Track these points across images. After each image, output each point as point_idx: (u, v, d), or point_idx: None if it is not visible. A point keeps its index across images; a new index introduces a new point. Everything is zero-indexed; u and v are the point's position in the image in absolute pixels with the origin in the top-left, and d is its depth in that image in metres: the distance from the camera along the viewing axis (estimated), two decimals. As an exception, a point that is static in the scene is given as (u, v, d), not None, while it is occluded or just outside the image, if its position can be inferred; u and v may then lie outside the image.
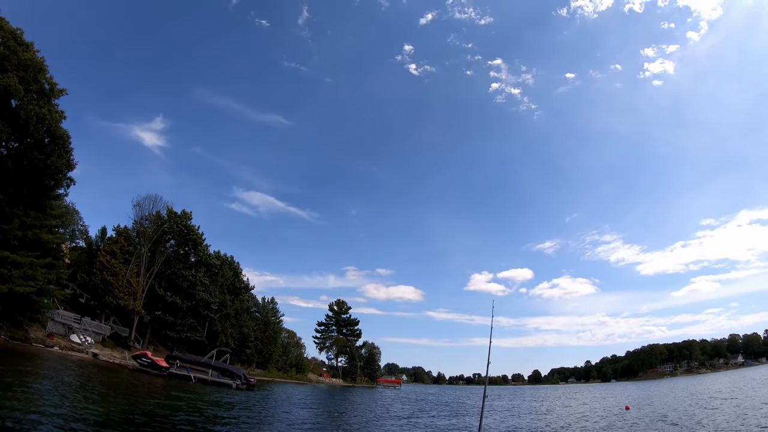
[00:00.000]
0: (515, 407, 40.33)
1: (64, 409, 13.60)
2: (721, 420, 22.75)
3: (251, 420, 20.77)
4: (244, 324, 76.09)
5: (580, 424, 25.20)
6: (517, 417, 31.06)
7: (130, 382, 30.58)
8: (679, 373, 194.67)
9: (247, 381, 42.95)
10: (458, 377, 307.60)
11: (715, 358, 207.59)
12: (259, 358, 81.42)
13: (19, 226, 35.11)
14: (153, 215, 60.44)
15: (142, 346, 54.96)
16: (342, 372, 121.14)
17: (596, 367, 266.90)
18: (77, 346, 42.39)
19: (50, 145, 36.11)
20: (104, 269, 50.31)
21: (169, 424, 15.19)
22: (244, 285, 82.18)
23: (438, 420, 28.60)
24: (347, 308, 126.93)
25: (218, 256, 72.83)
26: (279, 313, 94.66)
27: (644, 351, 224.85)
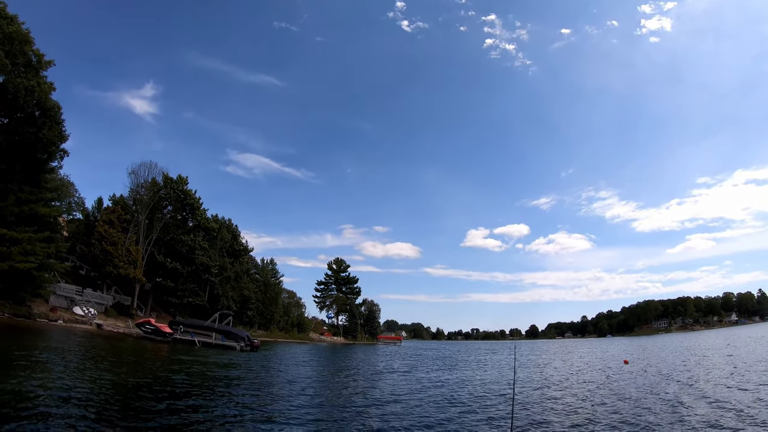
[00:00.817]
0: (520, 362, 41.42)
1: (74, 379, 13.95)
2: (717, 375, 23.49)
3: (257, 379, 21.26)
4: (244, 286, 76.86)
5: (581, 377, 25.99)
6: (525, 369, 32.34)
7: (136, 349, 31.06)
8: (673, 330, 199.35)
9: (251, 342, 43.74)
10: (457, 332, 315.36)
11: (709, 316, 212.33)
12: (260, 319, 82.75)
13: (14, 202, 34.87)
14: (149, 182, 59.99)
15: (144, 313, 55.73)
16: (343, 330, 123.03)
17: (592, 322, 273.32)
18: (81, 318, 42.91)
19: (41, 117, 35.47)
20: (103, 239, 50.37)
21: (178, 388, 15.62)
22: (243, 247, 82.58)
23: (442, 374, 29.58)
24: (346, 266, 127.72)
25: (216, 220, 72.87)
26: (279, 274, 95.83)
27: (640, 307, 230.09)
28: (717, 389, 18.01)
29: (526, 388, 21.11)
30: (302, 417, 12.36)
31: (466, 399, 17.54)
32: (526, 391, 20.25)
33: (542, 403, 15.97)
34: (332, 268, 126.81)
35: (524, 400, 16.95)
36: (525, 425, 12.09)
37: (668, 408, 14.40)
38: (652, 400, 16.19)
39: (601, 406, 15.14)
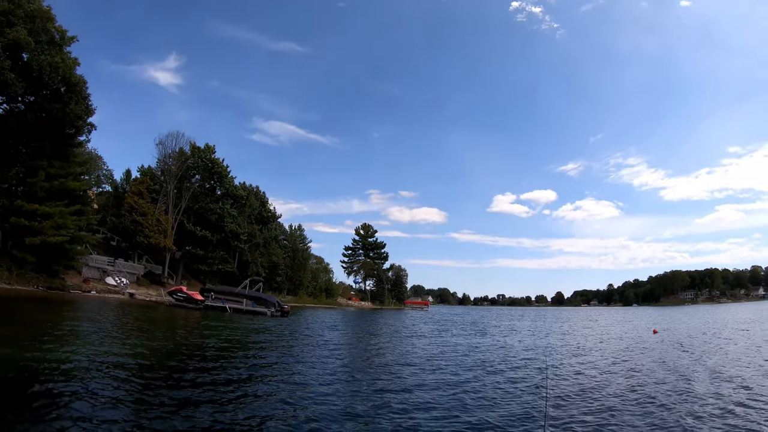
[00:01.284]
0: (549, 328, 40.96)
1: (112, 347, 14.21)
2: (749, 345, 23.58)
3: (289, 344, 21.38)
4: (273, 252, 77.23)
5: (616, 344, 25.76)
6: (564, 336, 32.77)
7: (169, 317, 31.32)
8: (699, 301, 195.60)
9: (281, 308, 43.68)
10: (483, 298, 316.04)
11: (736, 289, 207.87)
12: (289, 285, 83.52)
13: (45, 178, 35.06)
14: (176, 152, 59.76)
15: (175, 281, 56.56)
16: (370, 295, 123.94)
17: (618, 290, 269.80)
18: (113, 288, 43.63)
19: (67, 93, 35.19)
20: (133, 210, 50.68)
21: (212, 353, 15.95)
22: (271, 214, 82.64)
23: (472, 339, 29.54)
24: (373, 232, 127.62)
25: (244, 187, 72.71)
26: (307, 240, 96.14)
27: (666, 277, 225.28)
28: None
29: (558, 355, 20.83)
30: (333, 380, 12.42)
31: (496, 364, 17.23)
32: (558, 357, 19.94)
33: (577, 373, 15.50)
34: (360, 233, 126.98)
35: (556, 366, 16.74)
36: (560, 394, 11.64)
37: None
38: (685, 367, 16.08)
39: (637, 373, 14.96)
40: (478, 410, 9.51)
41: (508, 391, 11.90)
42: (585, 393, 11.71)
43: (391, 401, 10.09)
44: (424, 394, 11.05)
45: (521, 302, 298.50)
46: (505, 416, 9.10)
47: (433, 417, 8.94)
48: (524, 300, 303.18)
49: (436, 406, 9.83)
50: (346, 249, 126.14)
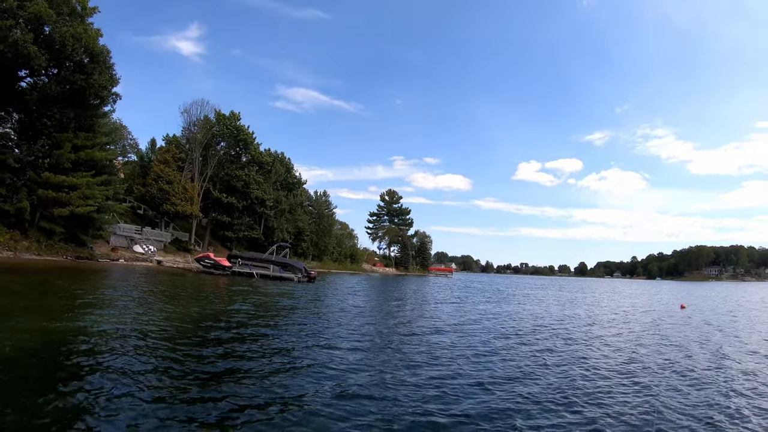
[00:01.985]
0: (581, 299, 40.23)
1: (142, 314, 14.41)
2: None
3: (318, 308, 21.50)
4: (298, 218, 77.22)
5: (646, 318, 25.46)
6: (592, 307, 32.84)
7: (197, 283, 31.34)
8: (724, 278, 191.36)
9: (308, 274, 43.31)
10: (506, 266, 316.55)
11: (761, 267, 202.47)
12: (314, 250, 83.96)
13: (71, 149, 35.05)
14: (201, 120, 59.39)
15: (202, 248, 56.94)
16: (395, 261, 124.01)
17: (642, 263, 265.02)
18: (141, 256, 44.18)
19: (90, 63, 34.72)
20: (159, 178, 50.79)
21: (243, 317, 16.15)
22: (296, 180, 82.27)
23: (496, 306, 29.79)
24: (398, 198, 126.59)
25: (269, 154, 72.07)
26: (332, 206, 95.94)
27: (692, 252, 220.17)
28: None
29: (588, 326, 20.57)
30: (365, 347, 12.41)
31: (518, 331, 17.19)
32: (587, 329, 19.65)
33: (608, 345, 15.36)
34: (384, 199, 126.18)
35: (590, 338, 16.45)
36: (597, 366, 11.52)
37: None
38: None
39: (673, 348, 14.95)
40: (512, 382, 9.26)
41: (543, 362, 11.58)
42: (626, 367, 11.48)
43: (422, 369, 10.00)
44: (454, 364, 10.83)
45: (544, 271, 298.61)
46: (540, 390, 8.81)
47: (463, 385, 8.83)
48: (547, 269, 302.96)
49: (465, 375, 9.65)
50: (370, 215, 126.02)
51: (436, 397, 7.78)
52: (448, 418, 6.71)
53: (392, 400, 7.49)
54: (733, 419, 7.33)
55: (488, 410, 7.19)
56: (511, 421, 6.74)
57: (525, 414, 7.13)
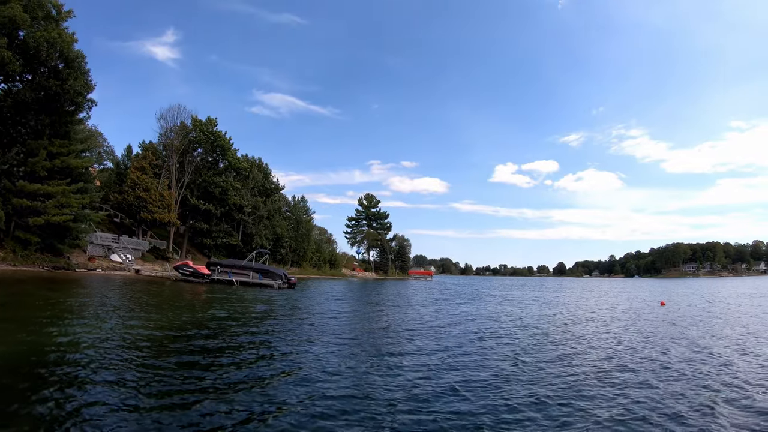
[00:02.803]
0: (560, 299, 41.23)
1: (120, 325, 14.35)
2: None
3: (299, 315, 21.53)
4: (277, 224, 77.19)
5: (627, 316, 25.80)
6: (570, 306, 33.05)
7: (176, 291, 31.20)
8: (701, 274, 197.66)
9: (288, 280, 43.45)
10: (485, 268, 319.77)
11: (737, 263, 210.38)
12: (293, 256, 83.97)
13: (46, 157, 34.72)
14: (178, 126, 59.18)
15: (180, 256, 56.64)
16: (374, 265, 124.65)
17: (620, 262, 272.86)
18: (119, 265, 43.75)
19: (65, 69, 34.53)
20: (136, 186, 50.44)
21: (222, 325, 16.11)
22: (274, 186, 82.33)
23: (475, 308, 30.39)
24: (376, 202, 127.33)
25: (247, 160, 72.15)
26: (310, 211, 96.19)
27: (668, 249, 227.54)
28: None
29: (565, 326, 21.16)
30: (344, 348, 12.85)
31: (495, 332, 17.59)
32: (565, 328, 20.27)
33: (589, 344, 15.62)
34: (363, 203, 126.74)
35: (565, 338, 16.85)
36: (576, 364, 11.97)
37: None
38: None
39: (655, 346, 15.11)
40: (486, 384, 9.50)
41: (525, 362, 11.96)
42: (607, 365, 11.83)
43: (402, 371, 10.32)
44: (432, 366, 11.20)
45: (523, 272, 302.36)
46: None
47: (439, 387, 9.10)
48: (526, 270, 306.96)
49: (442, 377, 10.01)
50: (349, 219, 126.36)
51: (410, 399, 8.04)
52: (424, 422, 6.93)
53: (372, 402, 7.75)
54: (714, 416, 7.51)
55: (459, 412, 7.42)
56: (482, 422, 6.98)
57: (496, 415, 7.34)
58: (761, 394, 8.90)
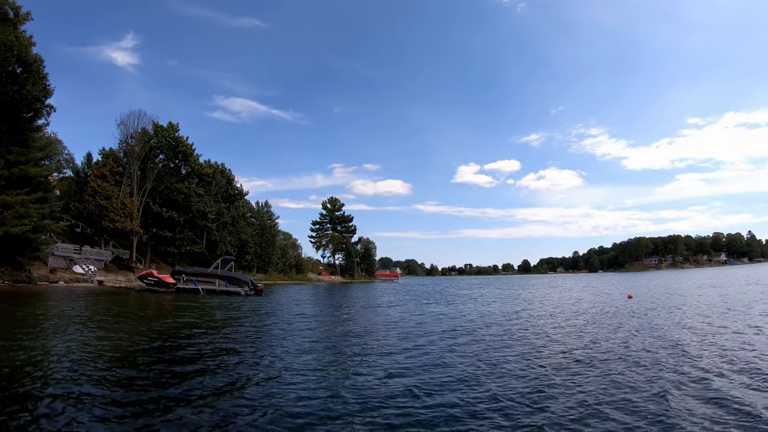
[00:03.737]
0: (526, 295, 41.81)
1: (84, 339, 14.14)
2: (724, 307, 25.11)
3: (269, 320, 21.88)
4: (241, 230, 76.95)
5: (597, 309, 26.51)
6: (540, 304, 32.50)
7: (141, 302, 30.97)
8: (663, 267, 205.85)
9: (255, 286, 43.43)
10: (450, 268, 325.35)
11: (698, 255, 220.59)
12: (259, 262, 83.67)
13: (3, 165, 33.95)
14: (139, 132, 58.44)
15: (144, 266, 55.89)
16: (340, 269, 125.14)
17: (583, 257, 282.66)
18: (82, 277, 43.04)
19: (23, 73, 33.93)
20: (96, 194, 49.64)
21: (190, 336, 15.90)
22: (237, 191, 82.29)
23: (443, 308, 31.42)
24: (340, 205, 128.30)
25: (210, 165, 71.78)
26: (274, 216, 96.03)
27: (631, 243, 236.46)
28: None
29: (534, 320, 22.06)
30: (311, 353, 13.02)
31: (459, 330, 18.16)
32: (533, 322, 21.32)
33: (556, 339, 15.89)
34: (327, 207, 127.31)
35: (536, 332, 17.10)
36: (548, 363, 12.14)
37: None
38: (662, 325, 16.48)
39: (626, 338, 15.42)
40: (447, 385, 9.65)
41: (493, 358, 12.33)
42: (580, 358, 12.16)
43: (365, 373, 10.57)
44: (394, 360, 11.95)
45: (488, 271, 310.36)
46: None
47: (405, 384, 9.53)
48: (491, 269, 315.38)
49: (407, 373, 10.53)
50: (313, 224, 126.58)
51: (373, 399, 8.26)
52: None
53: (336, 404, 8.01)
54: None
55: (419, 411, 7.62)
56: (439, 421, 7.14)
57: (452, 414, 7.48)
58: (718, 380, 9.32)
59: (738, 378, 9.51)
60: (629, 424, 6.91)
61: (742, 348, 12.68)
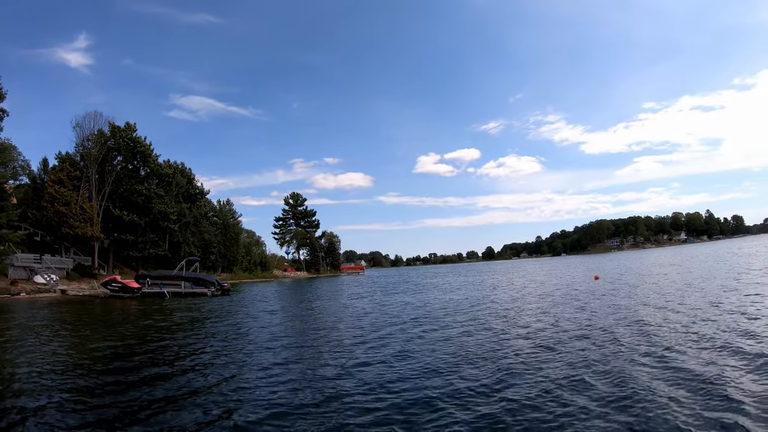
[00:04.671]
0: (496, 281, 43.50)
1: (50, 351, 14.07)
2: (689, 282, 26.74)
3: (238, 320, 22.16)
4: (204, 230, 76.34)
5: (564, 292, 27.32)
6: (503, 289, 32.60)
7: (106, 309, 30.70)
8: (625, 248, 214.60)
9: (221, 287, 43.53)
10: (415, 258, 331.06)
11: (659, 234, 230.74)
12: (223, 262, 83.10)
13: (-43, 175, 33.33)
14: (95, 134, 57.33)
15: (107, 272, 55.16)
16: (305, 264, 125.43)
17: (547, 242, 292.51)
18: (44, 287, 42.22)
19: (-27, 78, 33.16)
20: (55, 200, 48.59)
21: (159, 341, 15.88)
22: (198, 191, 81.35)
23: (409, 297, 32.61)
24: (303, 200, 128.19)
25: (169, 165, 70.81)
26: (237, 215, 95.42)
27: (592, 226, 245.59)
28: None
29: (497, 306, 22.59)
30: (281, 351, 13.26)
31: (420, 320, 18.91)
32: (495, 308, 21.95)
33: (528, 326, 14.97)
34: (289, 202, 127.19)
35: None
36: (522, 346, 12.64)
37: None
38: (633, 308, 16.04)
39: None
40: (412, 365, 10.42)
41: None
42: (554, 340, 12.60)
43: (328, 367, 11.01)
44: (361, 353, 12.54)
45: (453, 259, 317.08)
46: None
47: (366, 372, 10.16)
48: (456, 257, 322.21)
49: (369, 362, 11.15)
50: (276, 220, 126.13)
51: (331, 394, 8.51)
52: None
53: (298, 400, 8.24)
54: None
55: (380, 406, 7.73)
56: (395, 417, 7.18)
57: (409, 407, 7.58)
58: (676, 356, 9.75)
59: (694, 352, 10.09)
60: (586, 406, 7.13)
61: (695, 322, 13.65)
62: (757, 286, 21.77)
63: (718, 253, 63.81)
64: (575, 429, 6.33)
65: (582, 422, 6.53)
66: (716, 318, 14.09)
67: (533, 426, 6.53)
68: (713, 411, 6.61)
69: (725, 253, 63.61)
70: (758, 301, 16.70)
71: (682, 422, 6.23)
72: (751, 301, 17.07)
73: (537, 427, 6.50)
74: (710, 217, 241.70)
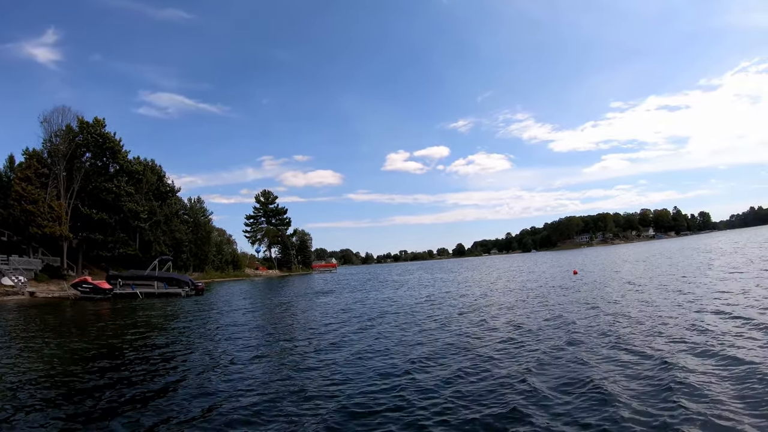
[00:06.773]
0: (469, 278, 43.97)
1: (17, 358, 13.72)
2: (671, 275, 27.81)
3: (214, 320, 22.05)
4: (175, 229, 74.97)
5: (547, 288, 27.37)
6: (471, 285, 32.54)
7: (77, 312, 30.06)
8: (595, 244, 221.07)
9: (195, 286, 42.96)
10: (386, 255, 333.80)
11: (628, 231, 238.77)
12: (195, 261, 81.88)
13: None
14: (63, 129, 55.61)
15: (77, 272, 53.55)
16: (277, 262, 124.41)
17: (517, 238, 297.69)
18: (11, 289, 40.77)
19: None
20: (22, 199, 46.99)
21: (133, 345, 15.48)
22: (169, 188, 79.85)
23: (375, 294, 33.58)
24: (273, 198, 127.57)
25: (139, 162, 69.41)
26: (208, 212, 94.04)
27: (562, 223, 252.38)
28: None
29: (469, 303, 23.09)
30: (257, 349, 13.59)
31: (387, 317, 19.36)
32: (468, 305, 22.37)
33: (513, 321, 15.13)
34: (260, 200, 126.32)
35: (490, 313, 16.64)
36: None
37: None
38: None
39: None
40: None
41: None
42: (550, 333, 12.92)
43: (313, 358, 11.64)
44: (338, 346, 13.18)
45: (424, 256, 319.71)
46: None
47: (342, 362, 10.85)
48: (426, 254, 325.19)
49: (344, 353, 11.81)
50: (247, 218, 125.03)
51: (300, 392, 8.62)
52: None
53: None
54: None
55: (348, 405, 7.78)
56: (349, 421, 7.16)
57: (371, 407, 7.59)
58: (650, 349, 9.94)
59: (648, 340, 10.79)
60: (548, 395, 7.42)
61: (661, 314, 14.35)
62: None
63: (684, 248, 66.26)
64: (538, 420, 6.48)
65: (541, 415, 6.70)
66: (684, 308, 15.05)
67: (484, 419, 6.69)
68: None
69: (689, 248, 65.87)
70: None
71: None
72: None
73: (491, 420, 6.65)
74: (678, 213, 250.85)
